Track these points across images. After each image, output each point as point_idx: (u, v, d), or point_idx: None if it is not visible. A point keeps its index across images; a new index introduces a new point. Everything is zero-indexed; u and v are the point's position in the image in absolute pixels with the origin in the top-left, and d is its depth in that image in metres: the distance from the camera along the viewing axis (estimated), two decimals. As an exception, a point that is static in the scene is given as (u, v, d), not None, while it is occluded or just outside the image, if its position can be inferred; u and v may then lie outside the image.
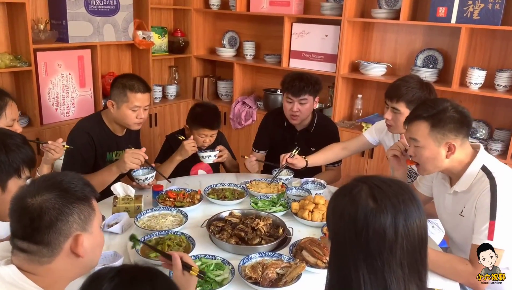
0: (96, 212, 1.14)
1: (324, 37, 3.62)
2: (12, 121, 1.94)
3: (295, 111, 2.50)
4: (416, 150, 1.71)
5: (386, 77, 3.48)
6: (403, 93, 2.09)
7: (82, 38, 3.32)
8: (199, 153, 2.41)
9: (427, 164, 1.71)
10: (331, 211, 1.06)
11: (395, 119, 2.15)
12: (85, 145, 2.22)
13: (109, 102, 2.26)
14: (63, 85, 3.30)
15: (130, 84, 2.22)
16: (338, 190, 1.08)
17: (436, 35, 3.39)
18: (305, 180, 2.39)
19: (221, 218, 1.87)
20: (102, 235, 1.19)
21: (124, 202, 1.97)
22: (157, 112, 3.98)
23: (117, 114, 2.26)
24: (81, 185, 1.12)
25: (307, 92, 2.47)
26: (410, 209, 0.98)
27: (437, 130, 1.64)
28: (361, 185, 1.01)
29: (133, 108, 2.23)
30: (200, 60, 4.33)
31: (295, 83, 2.47)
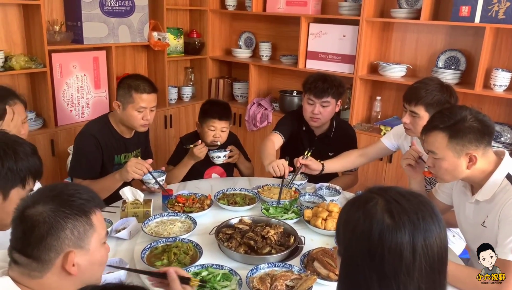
0: (95, 228, 1.08)
1: (342, 38, 3.54)
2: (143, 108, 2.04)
3: (316, 113, 2.41)
4: (435, 161, 1.63)
5: (406, 78, 3.37)
6: (422, 96, 1.99)
7: (97, 39, 3.31)
8: (210, 153, 2.36)
9: (446, 175, 1.62)
10: (342, 224, 0.98)
11: (413, 123, 2.06)
12: (91, 148, 2.19)
13: (115, 103, 2.23)
14: (78, 86, 3.29)
15: (135, 85, 2.19)
16: (351, 201, 1.00)
17: (459, 35, 3.27)
18: (320, 185, 2.31)
19: (231, 225, 1.81)
20: (103, 252, 1.13)
21: (132, 207, 1.92)
22: (172, 114, 3.95)
23: (123, 115, 2.23)
24: (82, 199, 1.07)
25: (330, 94, 2.39)
26: (430, 226, 0.90)
27: (455, 141, 1.54)
28: (377, 198, 0.94)
29: (139, 109, 2.20)
30: (215, 61, 4.29)
31: (318, 84, 2.38)
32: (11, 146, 1.30)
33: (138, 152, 2.42)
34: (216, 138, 2.45)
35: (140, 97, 2.18)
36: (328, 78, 2.42)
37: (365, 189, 1.01)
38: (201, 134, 2.51)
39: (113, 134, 2.28)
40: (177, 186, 2.32)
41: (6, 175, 1.26)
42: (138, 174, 2.02)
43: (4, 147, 1.29)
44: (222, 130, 2.47)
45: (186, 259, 1.56)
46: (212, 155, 2.38)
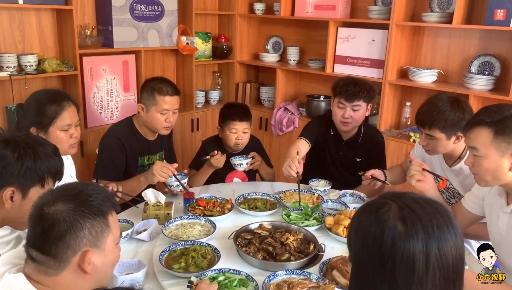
0: (111, 228, 1.10)
1: (371, 42, 3.48)
2: (68, 126, 1.89)
3: (346, 117, 2.37)
4: (475, 159, 1.55)
5: (437, 84, 3.28)
6: (434, 119, 1.92)
7: (127, 43, 3.37)
8: (232, 160, 2.36)
9: (486, 175, 1.53)
10: (354, 230, 0.95)
11: (432, 145, 1.99)
12: (115, 150, 2.23)
13: (139, 105, 2.27)
14: (108, 89, 3.36)
15: (159, 87, 2.22)
16: (364, 206, 0.97)
17: (493, 40, 3.16)
18: (344, 192, 2.27)
19: (250, 230, 1.80)
20: (116, 252, 1.15)
21: (154, 209, 1.94)
22: (199, 117, 3.98)
23: (147, 117, 2.26)
24: (100, 199, 1.09)
25: (361, 98, 2.35)
26: (445, 235, 0.86)
27: (501, 138, 1.46)
28: (390, 204, 0.91)
29: (162, 112, 2.23)
30: (243, 65, 4.30)
31: (349, 88, 2.34)
32: (32, 146, 1.34)
33: (161, 155, 2.45)
34: (238, 140, 2.44)
35: (163, 100, 2.21)
36: (359, 82, 2.38)
37: (379, 195, 0.98)
38: (223, 138, 2.51)
39: (137, 136, 2.31)
40: (199, 190, 2.33)
41: (25, 174, 1.30)
42: (164, 177, 2.04)
43: (25, 146, 1.32)
44: (244, 132, 2.46)
45: (204, 263, 1.55)
46: (234, 162, 2.36)
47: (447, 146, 1.97)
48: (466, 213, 1.83)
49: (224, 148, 2.48)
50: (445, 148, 1.98)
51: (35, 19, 3.03)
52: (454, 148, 2.00)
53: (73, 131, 1.91)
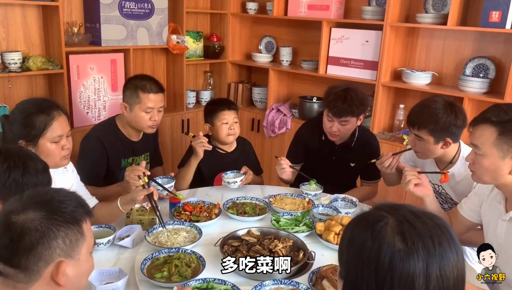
0: (86, 237, 1.03)
1: (364, 43, 3.42)
2: (59, 137, 1.73)
3: (334, 131, 2.30)
4: (476, 157, 1.50)
5: (432, 86, 3.23)
6: (424, 119, 1.87)
7: (115, 42, 3.29)
8: (224, 179, 2.26)
9: (485, 175, 1.49)
10: (346, 244, 0.88)
11: (419, 147, 1.94)
12: (95, 153, 2.15)
13: (122, 104, 2.19)
14: (95, 88, 3.28)
15: (142, 85, 2.14)
16: (358, 219, 0.90)
17: (488, 42, 3.11)
18: (335, 196, 2.21)
19: (237, 236, 1.72)
20: (90, 262, 1.07)
21: (138, 214, 1.87)
22: (189, 118, 3.90)
23: (130, 116, 2.18)
24: (73, 206, 1.02)
25: (350, 114, 2.25)
26: (447, 254, 0.79)
27: (504, 139, 1.41)
28: (387, 217, 0.83)
29: (146, 110, 2.15)
30: (235, 65, 4.23)
31: (337, 104, 2.23)
32: (23, 159, 1.30)
33: (147, 156, 2.37)
34: (231, 130, 2.38)
35: (147, 97, 2.14)
36: (349, 97, 2.24)
37: (374, 206, 0.91)
38: (213, 135, 2.43)
39: (119, 137, 2.23)
40: (186, 193, 2.25)
41: (10, 186, 1.26)
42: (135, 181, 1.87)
43: (16, 158, 1.30)
44: (235, 121, 2.40)
45: (188, 272, 1.48)
46: (227, 181, 2.25)
47: (434, 150, 1.92)
48: (463, 220, 1.78)
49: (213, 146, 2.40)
50: (433, 152, 1.93)
51: (20, 15, 2.94)
52: (444, 153, 1.95)
53: (64, 142, 1.75)
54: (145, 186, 1.77)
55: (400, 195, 3.30)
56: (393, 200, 3.30)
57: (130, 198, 1.76)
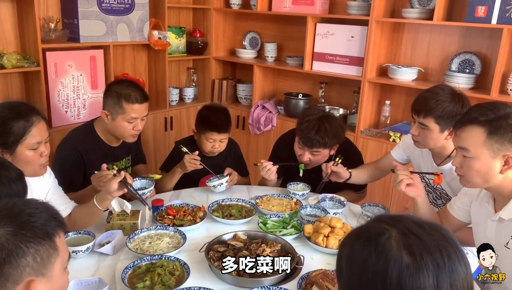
0: (59, 252, 0.95)
1: (350, 39, 3.37)
2: (37, 144, 1.62)
3: (305, 160, 2.21)
4: (465, 161, 1.44)
5: (417, 82, 3.20)
6: (431, 107, 1.82)
7: (95, 38, 3.18)
8: (208, 184, 2.18)
9: (476, 177, 1.43)
10: (345, 262, 0.81)
11: (422, 135, 1.89)
12: (70, 161, 2.03)
13: (103, 112, 2.07)
14: (74, 86, 3.17)
15: (126, 94, 2.02)
16: (356, 233, 0.83)
17: (474, 37, 3.09)
18: (323, 196, 2.16)
19: (223, 241, 1.66)
20: (65, 278, 0.99)
21: (119, 219, 1.79)
22: (173, 116, 3.81)
23: (112, 126, 2.07)
24: (44, 218, 0.94)
25: (322, 146, 2.15)
26: (456, 267, 0.74)
27: (494, 138, 1.37)
28: (390, 230, 0.77)
29: (130, 120, 2.04)
30: (219, 61, 4.15)
31: (309, 134, 2.12)
32: None
33: (128, 159, 2.28)
34: (215, 148, 2.29)
35: (131, 108, 2.02)
36: (322, 128, 2.13)
37: (372, 218, 0.85)
38: (198, 141, 2.35)
39: (98, 144, 2.13)
40: (170, 195, 2.18)
41: None
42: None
43: None
44: (221, 141, 2.30)
45: (171, 281, 1.41)
46: (212, 184, 2.16)
47: (437, 140, 1.87)
48: (454, 220, 1.74)
49: (199, 151, 2.32)
50: (436, 141, 1.88)
51: (-7, 10, 2.81)
52: (444, 145, 1.91)
53: (43, 149, 1.65)
54: (115, 174, 1.69)
55: (387, 195, 3.28)
56: (380, 200, 3.28)
57: (105, 192, 1.69)
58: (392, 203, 3.25)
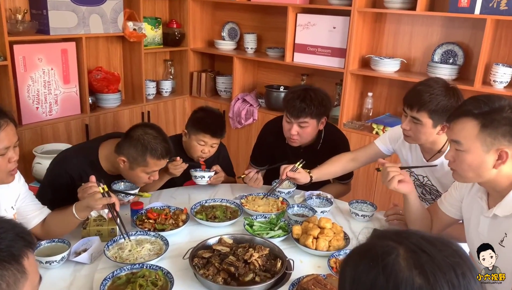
0: (28, 275, 0.84)
1: (331, 29, 3.30)
2: (5, 150, 1.46)
3: (293, 134, 2.15)
4: (457, 154, 1.39)
5: (400, 74, 3.16)
6: (425, 101, 1.75)
7: (66, 30, 3.02)
8: (192, 172, 2.09)
9: (469, 171, 1.39)
10: (350, 285, 0.73)
11: (414, 130, 1.83)
12: (60, 186, 1.85)
13: (120, 159, 1.84)
14: (45, 81, 3.01)
15: (152, 148, 1.80)
16: (359, 252, 0.76)
17: (457, 28, 3.06)
18: (310, 193, 2.09)
19: (208, 246, 1.57)
20: None
21: (96, 224, 1.68)
22: (150, 110, 3.68)
23: (127, 172, 1.88)
24: (9, 239, 0.83)
25: (308, 115, 2.11)
26: (472, 286, 0.68)
27: (487, 131, 1.32)
28: (397, 248, 0.70)
29: (149, 172, 1.86)
30: (197, 53, 4.02)
31: (295, 103, 2.09)
32: None
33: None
34: (204, 153, 2.19)
35: (155, 163, 1.84)
36: (308, 96, 2.11)
37: (374, 234, 0.77)
38: (187, 143, 2.24)
39: (97, 169, 1.89)
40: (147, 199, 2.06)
41: None
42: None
43: None
44: (212, 146, 2.20)
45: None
46: (194, 174, 2.09)
47: (430, 135, 1.82)
48: (444, 217, 1.70)
49: (185, 154, 2.21)
50: (428, 136, 1.82)
51: (-47, 1, 2.62)
52: (435, 140, 1.85)
53: (11, 155, 1.49)
54: (104, 194, 1.57)
55: (370, 189, 3.24)
56: (363, 195, 3.24)
57: (86, 204, 1.57)
58: (375, 197, 3.22)
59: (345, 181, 2.38)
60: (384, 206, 2.00)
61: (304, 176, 2.02)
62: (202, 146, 2.17)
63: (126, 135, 1.86)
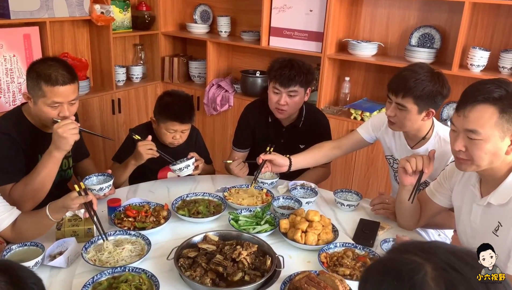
0: None
1: (308, 13, 3.22)
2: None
3: (282, 104, 2.12)
4: (471, 143, 1.31)
5: (377, 58, 3.13)
6: (411, 86, 1.71)
7: (28, 13, 2.82)
8: (173, 167, 1.99)
9: (484, 160, 1.32)
10: None
11: (399, 117, 1.79)
12: (8, 148, 1.74)
13: (25, 94, 1.77)
14: (7, 69, 2.81)
15: (45, 74, 1.70)
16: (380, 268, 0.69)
17: (433, 11, 3.04)
18: (293, 183, 2.04)
19: (193, 244, 1.50)
20: None
21: (71, 224, 1.57)
22: (120, 97, 3.53)
23: (35, 110, 1.77)
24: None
25: (298, 83, 2.09)
26: None
27: (506, 117, 1.26)
28: (424, 266, 0.64)
29: (52, 105, 1.73)
30: (168, 37, 3.87)
31: (284, 72, 2.08)
32: None
33: (68, 157, 2.00)
34: (175, 140, 2.10)
35: (51, 91, 1.70)
36: (295, 64, 2.11)
37: (396, 248, 0.71)
38: (157, 131, 2.14)
39: (30, 129, 1.82)
40: (126, 191, 1.97)
41: None
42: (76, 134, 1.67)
43: None
44: (183, 132, 2.11)
45: (139, 297, 1.24)
46: (179, 167, 1.99)
47: (415, 121, 1.78)
48: (434, 206, 1.68)
49: (157, 140, 2.11)
50: (413, 123, 1.78)
51: None
52: (420, 127, 1.82)
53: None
54: (81, 192, 1.47)
55: (348, 174, 3.23)
56: (341, 181, 3.23)
57: (61, 205, 1.47)
58: (353, 184, 3.21)
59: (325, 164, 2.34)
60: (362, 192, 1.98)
61: (281, 157, 1.97)
62: (172, 133, 2.09)
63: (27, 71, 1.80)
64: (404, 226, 1.77)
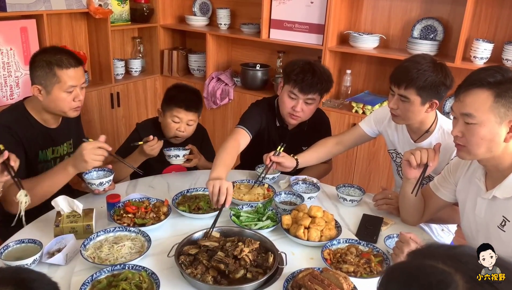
0: None
1: (309, 4, 3.17)
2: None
3: (297, 110, 2.02)
4: (468, 128, 1.32)
5: (379, 50, 3.09)
6: (413, 77, 1.68)
7: (24, 6, 2.78)
8: (165, 152, 1.98)
9: (481, 146, 1.31)
10: None
11: (402, 109, 1.76)
12: (8, 143, 1.73)
13: (34, 88, 1.75)
14: (4, 62, 2.78)
15: (57, 60, 1.71)
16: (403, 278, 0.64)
17: (436, 3, 3.00)
18: (295, 178, 2.01)
19: (194, 241, 1.47)
20: None
21: (69, 221, 1.54)
22: (119, 91, 3.49)
23: (48, 101, 1.76)
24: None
25: (318, 91, 2.00)
26: None
27: (501, 102, 1.26)
28: (453, 276, 0.60)
29: (68, 89, 1.74)
30: (167, 30, 3.82)
31: (306, 77, 1.95)
32: None
33: (69, 144, 1.98)
34: (179, 131, 2.06)
35: (67, 74, 1.72)
36: (318, 70, 1.99)
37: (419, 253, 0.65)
38: (162, 124, 2.11)
39: (33, 125, 1.81)
40: (126, 186, 1.94)
41: None
42: (99, 160, 1.63)
43: None
44: (189, 123, 2.08)
45: (140, 296, 1.22)
46: (168, 154, 1.99)
47: (418, 113, 1.75)
48: (438, 200, 1.65)
49: (162, 135, 2.08)
50: (416, 115, 1.75)
51: None
52: (423, 119, 1.79)
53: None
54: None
55: (350, 168, 3.20)
56: (344, 177, 3.19)
57: None
58: (355, 179, 3.19)
59: None
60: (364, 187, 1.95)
61: (289, 159, 1.93)
62: (177, 123, 2.05)
63: (31, 64, 1.79)
64: (407, 221, 1.74)
